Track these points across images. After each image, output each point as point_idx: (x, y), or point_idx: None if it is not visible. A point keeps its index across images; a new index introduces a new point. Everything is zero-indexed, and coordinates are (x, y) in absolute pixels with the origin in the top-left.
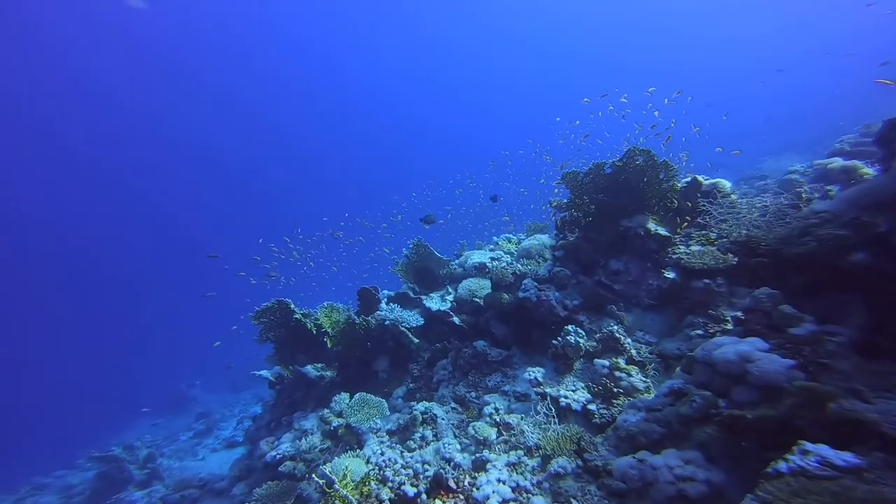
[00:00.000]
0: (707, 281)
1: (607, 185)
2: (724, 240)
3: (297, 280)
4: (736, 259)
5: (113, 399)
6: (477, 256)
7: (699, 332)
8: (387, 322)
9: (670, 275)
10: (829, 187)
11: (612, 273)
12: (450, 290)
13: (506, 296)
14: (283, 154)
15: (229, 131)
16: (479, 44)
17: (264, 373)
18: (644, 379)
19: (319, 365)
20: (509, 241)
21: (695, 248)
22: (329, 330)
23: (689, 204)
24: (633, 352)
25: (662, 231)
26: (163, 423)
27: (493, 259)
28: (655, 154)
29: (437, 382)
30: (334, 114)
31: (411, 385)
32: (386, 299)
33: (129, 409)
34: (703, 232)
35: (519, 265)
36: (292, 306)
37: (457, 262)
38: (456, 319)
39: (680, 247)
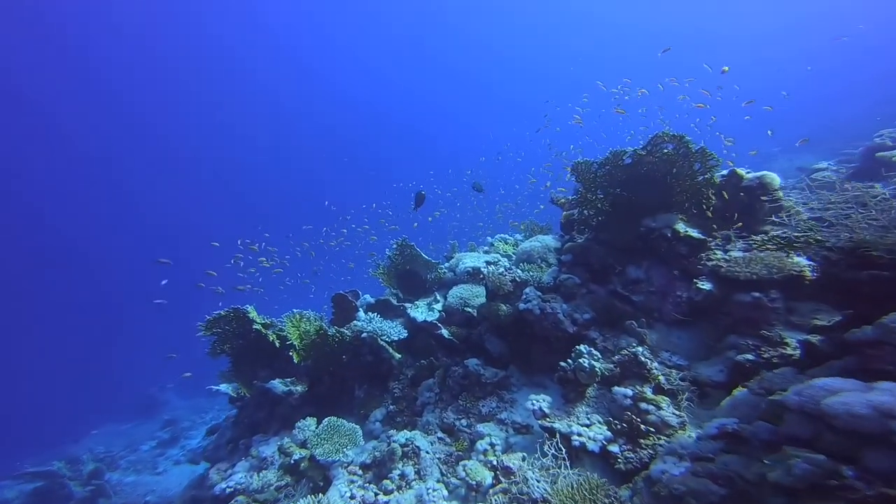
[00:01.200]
0: (756, 294)
1: (626, 177)
2: (805, 242)
3: (269, 286)
4: (811, 268)
5: (80, 402)
6: (470, 260)
7: (749, 357)
8: (364, 335)
9: (705, 285)
10: None
11: (631, 282)
12: (438, 297)
13: (503, 307)
14: (266, 156)
15: (209, 132)
16: (470, 46)
17: (223, 387)
18: (677, 412)
19: (289, 379)
20: (506, 243)
21: (736, 253)
22: (296, 342)
23: (727, 201)
24: (662, 378)
25: (694, 233)
26: (128, 429)
27: (488, 263)
28: (690, 140)
29: (421, 405)
30: (314, 115)
31: (391, 407)
32: (365, 307)
33: (97, 412)
34: (762, 236)
35: (519, 271)
36: (251, 315)
37: (446, 265)
38: (444, 332)
39: (717, 252)
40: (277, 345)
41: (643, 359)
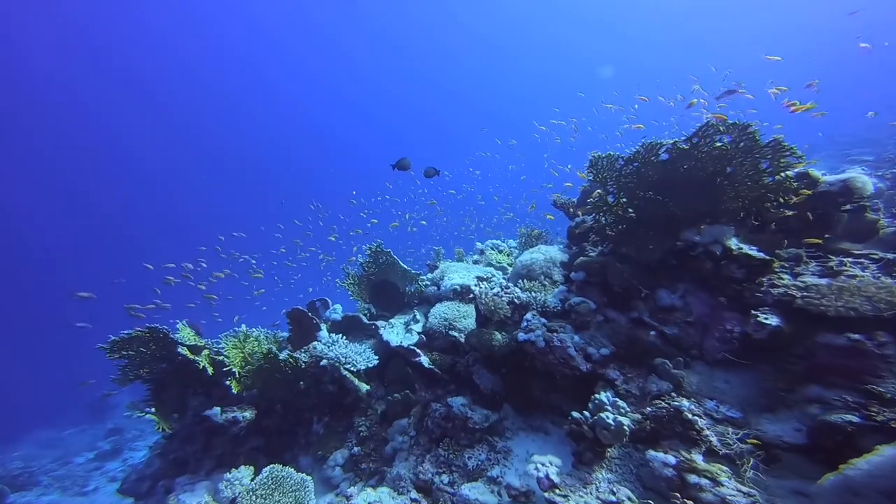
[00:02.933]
0: (855, 336)
1: (661, 177)
2: None
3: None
4: None
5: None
6: (458, 275)
7: (852, 418)
8: (323, 362)
9: (771, 320)
10: None
11: (661, 310)
12: (418, 316)
13: (498, 336)
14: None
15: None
16: (454, 52)
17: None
18: (745, 489)
19: (235, 407)
20: (499, 251)
21: (812, 279)
22: (237, 368)
23: (796, 211)
24: (715, 440)
25: (754, 252)
26: (68, 436)
27: (480, 279)
28: (757, 131)
29: (392, 451)
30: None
31: (356, 449)
32: (329, 324)
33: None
34: (845, 257)
35: (518, 290)
36: (177, 335)
37: (429, 276)
38: (424, 360)
39: (783, 277)
40: (210, 372)
41: (690, 416)
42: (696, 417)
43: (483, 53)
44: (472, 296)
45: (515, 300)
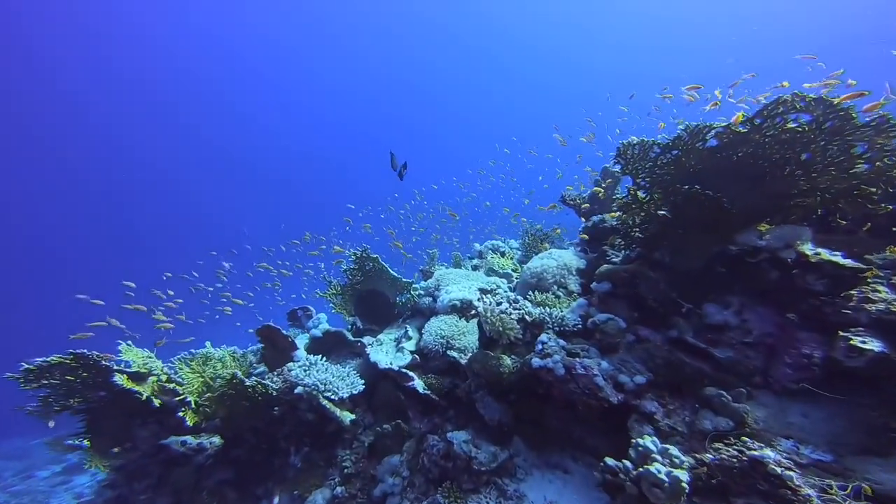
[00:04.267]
0: None
1: (708, 167)
2: None
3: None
4: None
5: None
6: (456, 287)
7: None
8: (298, 389)
9: (872, 344)
10: None
11: (710, 328)
12: (410, 331)
13: (507, 361)
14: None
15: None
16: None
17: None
18: None
19: (203, 435)
20: (501, 254)
21: None
22: (193, 397)
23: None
24: (814, 495)
25: (841, 259)
26: (35, 447)
27: (483, 292)
28: (852, 107)
29: (382, 496)
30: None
31: (339, 490)
32: (309, 342)
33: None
34: None
35: (528, 304)
36: (112, 363)
37: (423, 284)
38: (418, 385)
39: (881, 289)
40: (157, 403)
41: (776, 468)
42: (788, 473)
43: (484, 64)
44: (474, 312)
45: (526, 317)
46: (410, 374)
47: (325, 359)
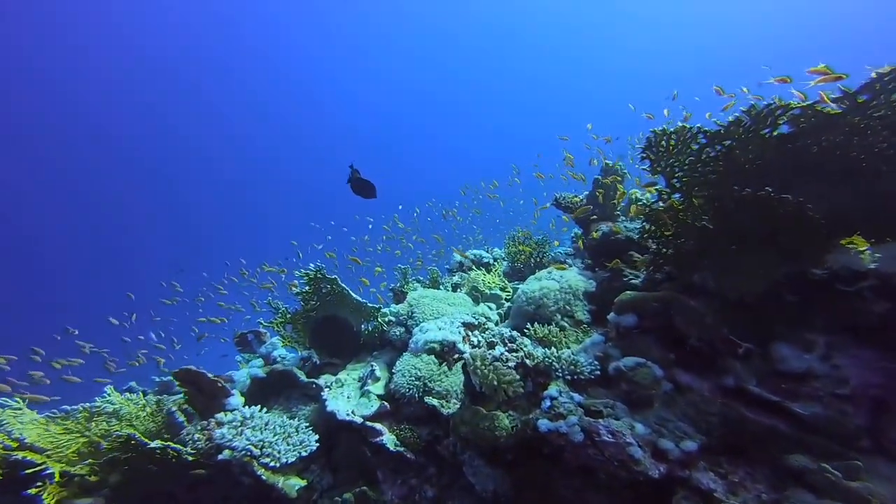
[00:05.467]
0: None
1: (772, 160)
2: None
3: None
4: None
5: None
6: (434, 326)
7: None
8: (224, 455)
9: None
10: None
11: (784, 376)
12: (378, 369)
13: (504, 421)
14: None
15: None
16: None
17: None
18: None
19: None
20: (486, 269)
21: None
22: (56, 466)
23: None
24: None
25: None
26: None
27: (468, 328)
28: None
29: None
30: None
31: None
32: (250, 382)
33: None
34: None
35: (527, 342)
36: None
37: (394, 309)
38: (388, 441)
39: None
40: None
41: None
42: None
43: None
44: (458, 356)
45: (527, 360)
46: (378, 427)
47: (265, 409)
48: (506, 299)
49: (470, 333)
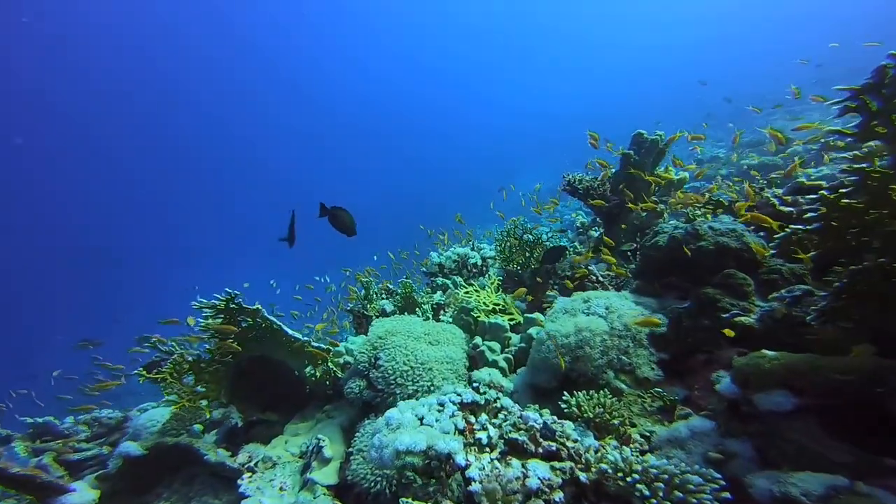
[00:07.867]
0: None
1: None
2: None
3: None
4: None
5: None
6: (409, 420)
7: None
8: None
9: None
10: None
11: None
12: (326, 448)
13: None
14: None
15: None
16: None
17: None
18: None
19: None
20: (479, 284)
21: None
22: None
23: None
24: None
25: None
26: None
27: (470, 409)
28: None
29: None
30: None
31: None
32: (121, 464)
33: None
34: None
35: (569, 429)
36: None
37: (354, 345)
38: None
39: None
40: None
41: None
42: None
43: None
44: (449, 467)
45: (579, 472)
46: None
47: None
48: (509, 322)
49: (474, 421)
